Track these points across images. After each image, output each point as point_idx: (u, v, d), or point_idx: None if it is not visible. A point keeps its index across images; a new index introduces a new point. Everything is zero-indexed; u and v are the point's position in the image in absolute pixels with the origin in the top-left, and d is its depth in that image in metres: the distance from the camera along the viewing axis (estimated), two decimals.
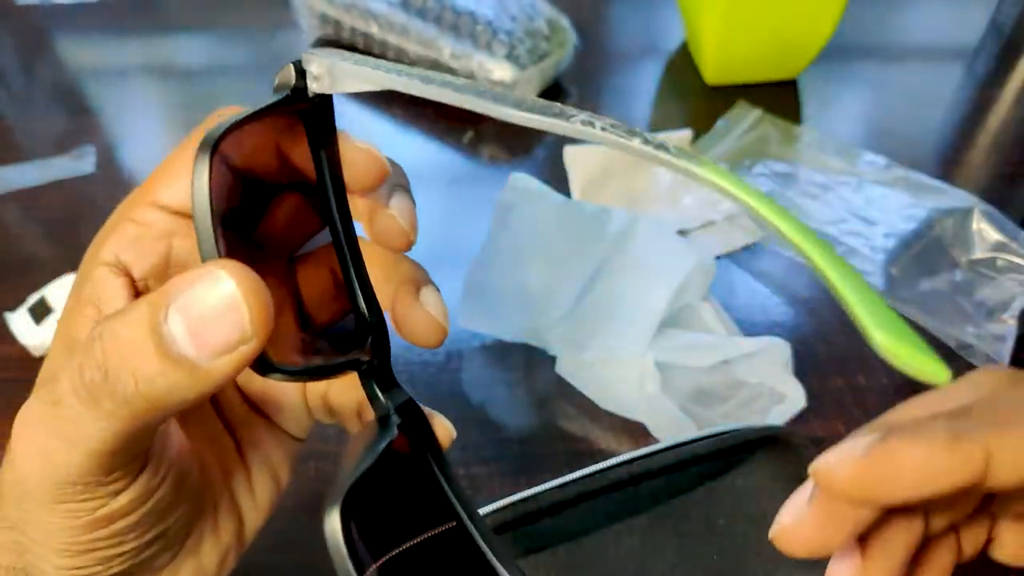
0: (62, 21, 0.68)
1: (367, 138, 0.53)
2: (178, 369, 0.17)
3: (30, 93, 0.63)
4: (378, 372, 0.22)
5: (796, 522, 0.19)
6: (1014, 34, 0.66)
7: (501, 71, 0.55)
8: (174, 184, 0.23)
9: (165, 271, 0.23)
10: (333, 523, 0.17)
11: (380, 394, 0.21)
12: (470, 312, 0.43)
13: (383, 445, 0.19)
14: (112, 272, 0.22)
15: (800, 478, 0.20)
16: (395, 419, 0.21)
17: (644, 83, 0.63)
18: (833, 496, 0.18)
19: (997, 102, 0.61)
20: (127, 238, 0.22)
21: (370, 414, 0.22)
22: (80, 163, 0.55)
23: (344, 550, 0.17)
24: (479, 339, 0.44)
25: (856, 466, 0.18)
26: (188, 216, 0.23)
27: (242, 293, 0.17)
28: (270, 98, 0.21)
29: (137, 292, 0.23)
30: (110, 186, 0.54)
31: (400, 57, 0.59)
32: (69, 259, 0.47)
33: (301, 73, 0.21)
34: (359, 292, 0.23)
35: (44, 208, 0.52)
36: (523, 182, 0.45)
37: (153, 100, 0.61)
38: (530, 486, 0.33)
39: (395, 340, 0.23)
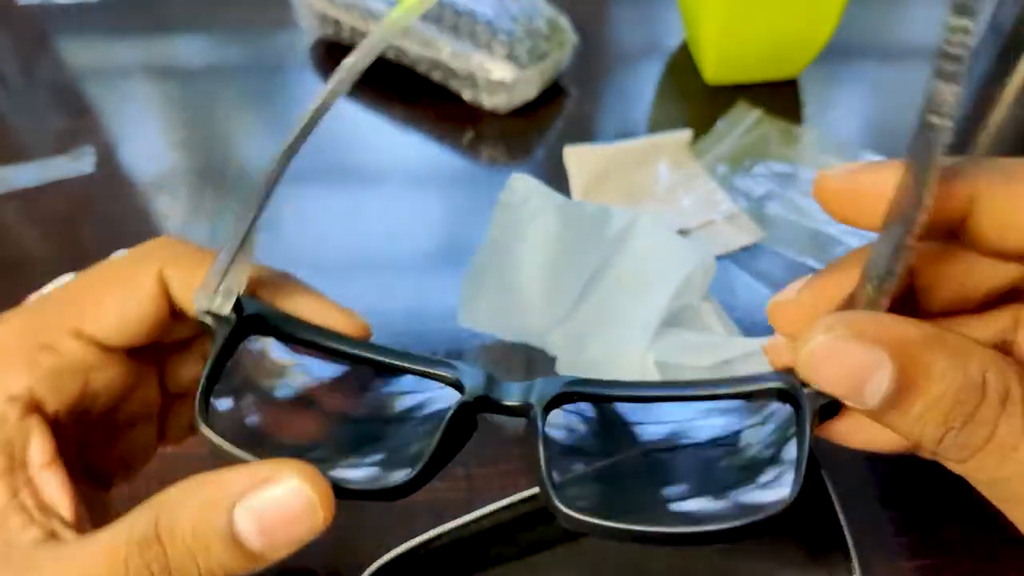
0: (62, 21, 0.68)
1: (369, 139, 0.54)
2: (243, 559, 0.18)
3: (29, 93, 0.63)
4: (489, 394, 0.22)
5: (788, 296, 0.21)
6: (1014, 34, 0.66)
7: (501, 71, 0.55)
8: (100, 313, 0.21)
9: (81, 407, 0.22)
10: (563, 510, 0.19)
11: (504, 403, 0.22)
12: (470, 312, 0.43)
13: (541, 440, 0.20)
14: (23, 409, 0.20)
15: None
16: (536, 409, 0.21)
17: (644, 83, 0.63)
18: (823, 197, 0.20)
19: (997, 102, 0.61)
20: (43, 369, 0.21)
21: None
22: (79, 163, 0.55)
23: (586, 518, 0.19)
24: (479, 339, 0.44)
25: (847, 173, 0.19)
26: (111, 349, 0.22)
27: (319, 500, 0.18)
28: (211, 350, 0.21)
29: (52, 431, 0.21)
30: (110, 186, 0.54)
31: (400, 57, 0.59)
32: (68, 259, 0.47)
33: (213, 317, 0.22)
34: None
35: (43, 208, 0.52)
36: (523, 182, 0.45)
37: (153, 100, 0.61)
38: (530, 487, 0.33)
39: (393, 337, 0.23)
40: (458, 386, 0.22)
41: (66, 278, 0.44)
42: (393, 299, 0.46)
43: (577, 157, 0.53)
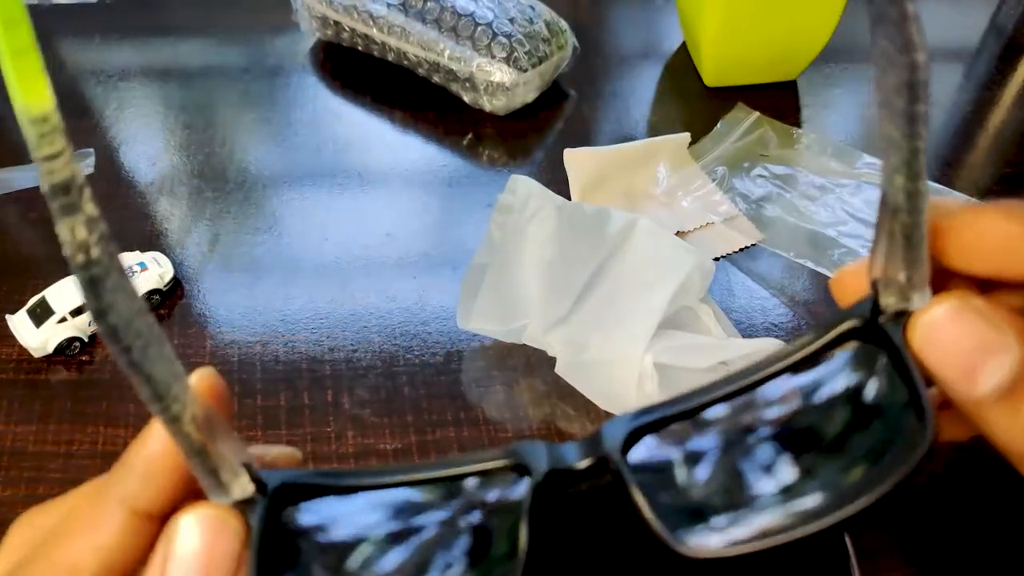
0: (61, 22, 0.68)
1: (370, 141, 0.54)
2: None
3: None
4: (556, 465, 0.19)
5: (857, 266, 0.19)
6: (1015, 35, 0.66)
7: (501, 74, 0.55)
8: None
9: None
10: (696, 552, 0.17)
11: (577, 467, 0.19)
12: (468, 313, 0.43)
13: (638, 490, 0.18)
14: None
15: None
16: (616, 458, 0.18)
17: (643, 85, 0.63)
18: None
19: (997, 104, 0.61)
20: None
21: None
22: (79, 165, 0.55)
23: (726, 551, 0.17)
24: (478, 339, 0.44)
25: (954, 215, 0.17)
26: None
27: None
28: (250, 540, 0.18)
29: None
30: (110, 188, 0.54)
31: (400, 60, 0.59)
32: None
33: (243, 505, 0.18)
34: None
35: (44, 210, 0.52)
36: (522, 184, 0.46)
37: (153, 102, 0.61)
38: None
39: (392, 338, 0.23)
40: (522, 469, 0.19)
41: (69, 281, 0.44)
42: (393, 300, 0.46)
43: (576, 159, 0.53)
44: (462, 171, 0.55)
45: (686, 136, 0.55)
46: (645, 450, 0.19)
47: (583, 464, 0.19)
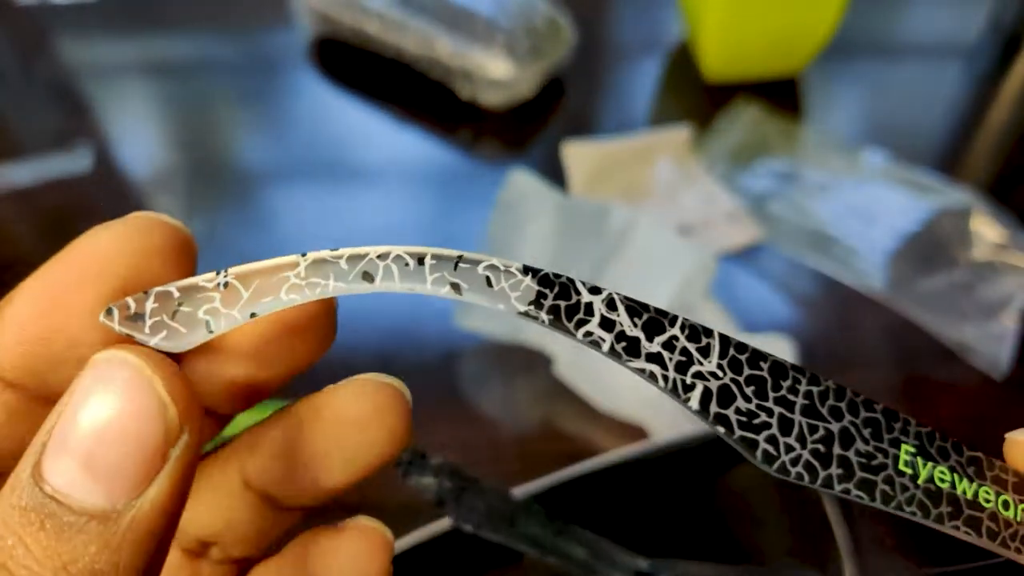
0: (61, 20, 0.67)
1: (367, 136, 0.53)
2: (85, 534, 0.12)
3: (27, 91, 0.62)
4: None
5: None
6: (1015, 31, 0.65)
7: (499, 68, 0.55)
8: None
9: None
10: None
11: None
12: (468, 311, 0.42)
13: None
14: None
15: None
16: None
17: (644, 80, 0.63)
18: None
19: (999, 100, 0.60)
20: None
21: None
22: (76, 161, 0.54)
23: None
24: (477, 339, 0.44)
25: None
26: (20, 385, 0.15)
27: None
28: None
29: None
30: (107, 184, 0.53)
31: (398, 55, 0.59)
32: None
33: None
34: None
35: (40, 206, 0.52)
36: (522, 180, 0.45)
37: (150, 98, 0.61)
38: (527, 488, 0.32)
39: (390, 337, 0.23)
40: None
41: None
42: (389, 298, 0.46)
43: (576, 153, 0.53)
44: (461, 167, 0.55)
45: (684, 131, 0.55)
46: None
47: None
